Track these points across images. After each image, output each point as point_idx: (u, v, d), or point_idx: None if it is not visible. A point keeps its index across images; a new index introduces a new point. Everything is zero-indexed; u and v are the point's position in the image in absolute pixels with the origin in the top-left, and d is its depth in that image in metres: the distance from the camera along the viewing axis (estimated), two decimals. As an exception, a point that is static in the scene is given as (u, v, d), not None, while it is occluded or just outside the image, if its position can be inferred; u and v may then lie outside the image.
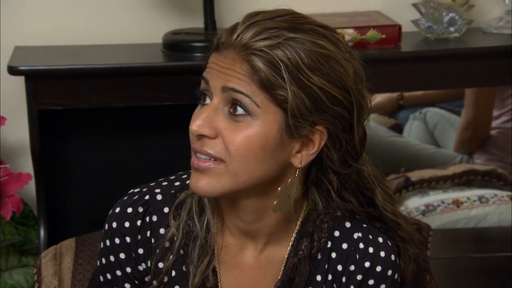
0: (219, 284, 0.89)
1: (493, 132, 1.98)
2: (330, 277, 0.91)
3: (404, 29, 1.48)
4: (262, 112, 0.74)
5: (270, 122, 0.76)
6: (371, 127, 1.01)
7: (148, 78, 1.45)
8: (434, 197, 1.85)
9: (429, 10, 1.52)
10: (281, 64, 0.73)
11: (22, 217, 1.49)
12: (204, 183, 0.80)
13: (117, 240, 0.91)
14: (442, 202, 1.83)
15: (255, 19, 0.77)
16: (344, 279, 0.90)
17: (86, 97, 1.43)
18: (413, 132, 2.02)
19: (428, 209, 1.84)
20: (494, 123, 2.00)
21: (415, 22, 1.51)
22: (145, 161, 1.67)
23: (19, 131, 1.51)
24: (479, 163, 1.98)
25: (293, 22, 0.78)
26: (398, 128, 2.02)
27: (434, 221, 1.79)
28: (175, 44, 1.47)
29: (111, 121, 1.62)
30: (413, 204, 1.83)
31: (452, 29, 1.51)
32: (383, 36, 1.44)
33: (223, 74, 0.76)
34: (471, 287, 1.80)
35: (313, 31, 0.77)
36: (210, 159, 0.78)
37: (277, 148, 0.76)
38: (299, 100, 0.75)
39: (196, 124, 0.75)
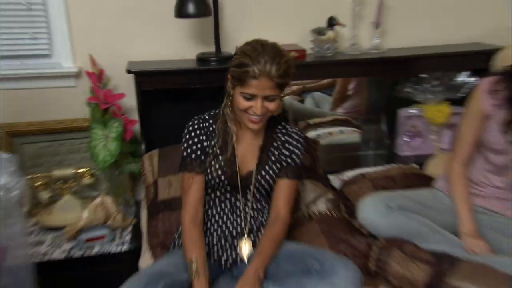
0: (236, 150, 1.46)
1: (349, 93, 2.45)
2: (280, 147, 1.49)
3: (308, 52, 2.05)
4: (279, 96, 1.31)
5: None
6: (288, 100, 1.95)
7: (192, 74, 1.99)
8: (320, 131, 2.43)
9: (317, 43, 2.09)
10: (284, 77, 1.27)
11: (133, 141, 2.03)
12: (258, 126, 1.37)
13: (192, 133, 1.46)
14: (324, 133, 2.42)
15: (266, 58, 1.27)
16: (282, 148, 1.49)
17: (165, 83, 1.96)
18: (307, 105, 2.47)
19: (318, 137, 2.37)
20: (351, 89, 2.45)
21: (312, 48, 2.08)
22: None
23: (131, 101, 2.01)
24: (342, 113, 2.47)
25: (279, 53, 1.30)
26: (301, 102, 2.47)
27: (322, 142, 2.28)
28: (202, 59, 2.01)
29: (181, 95, 2.08)
30: (310, 135, 2.30)
31: (328, 52, 2.08)
32: (298, 54, 1.98)
33: (263, 89, 1.29)
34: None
35: (285, 53, 1.31)
36: (259, 117, 1.33)
37: None
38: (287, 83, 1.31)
39: (260, 111, 1.30)
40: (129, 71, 1.84)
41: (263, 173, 1.47)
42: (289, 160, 1.48)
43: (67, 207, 1.96)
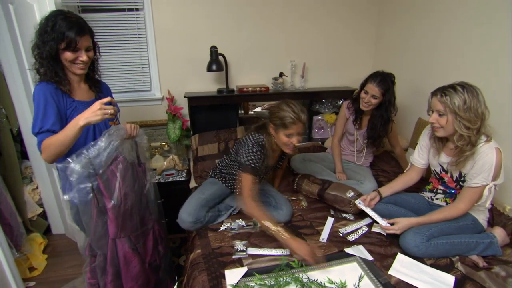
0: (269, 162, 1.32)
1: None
2: (282, 156, 1.42)
3: (270, 88, 2.13)
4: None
5: None
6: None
7: (214, 98, 2.06)
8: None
9: (274, 84, 2.16)
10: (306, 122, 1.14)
11: (187, 129, 2.14)
12: (293, 151, 1.22)
13: (260, 155, 1.23)
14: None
15: (300, 114, 1.14)
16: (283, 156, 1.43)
17: (202, 102, 2.05)
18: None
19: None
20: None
21: (272, 86, 2.16)
22: (223, 119, 2.04)
23: (186, 110, 2.13)
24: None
25: (301, 106, 1.14)
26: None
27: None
28: (219, 91, 2.09)
29: (214, 108, 2.11)
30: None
31: (279, 88, 2.15)
32: (265, 88, 2.09)
33: (300, 128, 1.19)
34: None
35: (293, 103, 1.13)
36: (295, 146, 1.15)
37: None
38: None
39: (297, 143, 1.15)
40: (185, 97, 2.06)
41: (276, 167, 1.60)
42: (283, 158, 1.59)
43: (157, 159, 2.12)
